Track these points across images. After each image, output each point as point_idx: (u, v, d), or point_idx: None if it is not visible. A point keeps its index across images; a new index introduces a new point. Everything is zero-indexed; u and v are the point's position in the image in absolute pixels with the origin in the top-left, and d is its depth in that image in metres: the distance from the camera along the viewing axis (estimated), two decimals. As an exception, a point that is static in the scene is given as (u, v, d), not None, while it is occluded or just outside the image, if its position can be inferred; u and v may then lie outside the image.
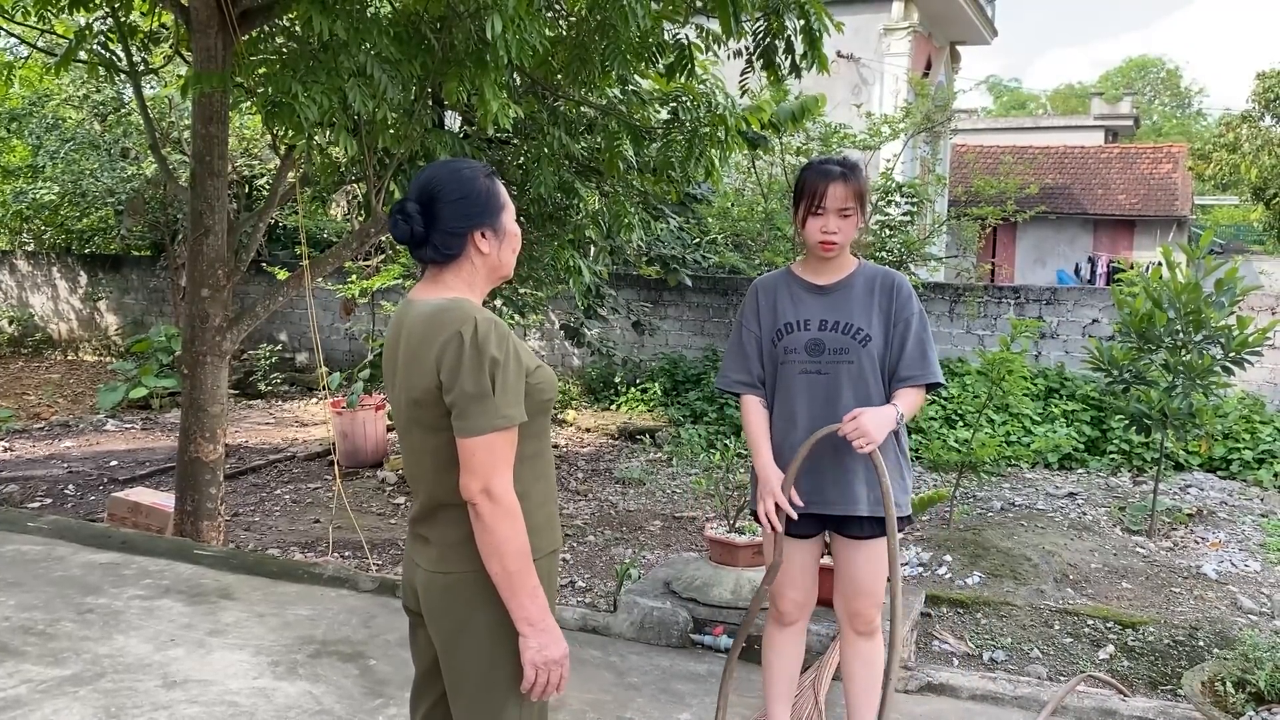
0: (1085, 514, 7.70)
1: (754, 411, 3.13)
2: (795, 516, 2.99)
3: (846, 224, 2.99)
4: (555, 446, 10.01)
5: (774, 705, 3.29)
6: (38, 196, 14.11)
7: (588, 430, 10.86)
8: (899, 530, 3.10)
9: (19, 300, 15.76)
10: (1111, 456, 9.44)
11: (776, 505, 2.99)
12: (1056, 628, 5.35)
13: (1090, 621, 5.36)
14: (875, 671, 3.19)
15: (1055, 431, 9.63)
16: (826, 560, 4.34)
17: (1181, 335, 6.96)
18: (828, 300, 3.07)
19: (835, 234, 2.99)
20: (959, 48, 19.16)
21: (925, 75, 15.56)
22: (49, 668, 3.90)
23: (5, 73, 7.36)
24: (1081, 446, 9.57)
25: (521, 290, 9.40)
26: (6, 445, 9.68)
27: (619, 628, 4.43)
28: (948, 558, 6.41)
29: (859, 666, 3.19)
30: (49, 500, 7.86)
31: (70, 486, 8.26)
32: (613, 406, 11.74)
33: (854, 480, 3.02)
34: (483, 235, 2.20)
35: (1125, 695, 4.14)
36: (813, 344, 3.04)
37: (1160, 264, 7.23)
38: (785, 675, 3.28)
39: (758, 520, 3.10)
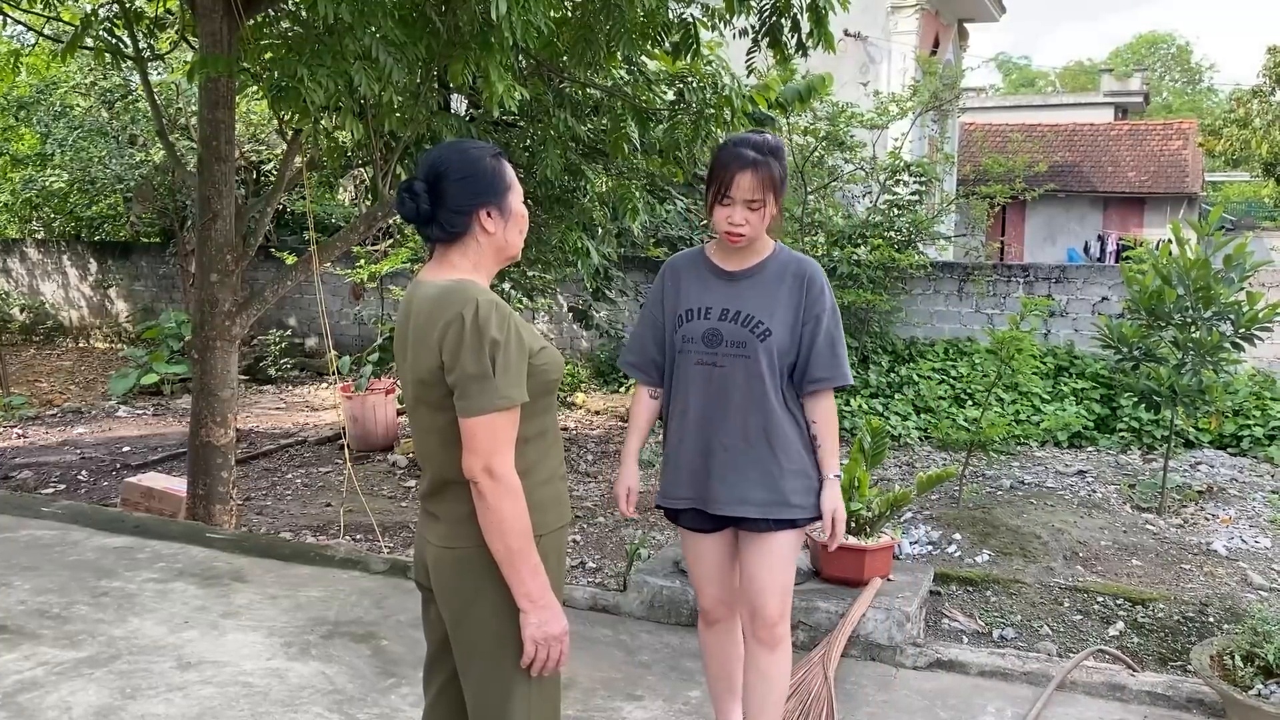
0: (1095, 491, 7.70)
1: (638, 401, 3.05)
2: (629, 514, 3.08)
3: (755, 216, 2.75)
4: (564, 429, 10.02)
5: (720, 704, 3.14)
6: (47, 184, 14.15)
7: (597, 413, 10.87)
8: (807, 523, 2.92)
9: (30, 288, 15.82)
10: (1121, 434, 9.42)
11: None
12: (1066, 605, 5.36)
13: (1100, 599, 5.36)
14: (772, 687, 2.90)
15: (1065, 409, 9.61)
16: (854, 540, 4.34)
17: (1191, 312, 6.93)
18: (732, 288, 2.84)
19: (741, 227, 2.76)
20: (967, 25, 19.02)
21: (933, 53, 15.46)
22: (65, 650, 3.95)
23: (12, 60, 7.37)
24: (1091, 424, 9.55)
25: (530, 273, 9.41)
26: (20, 432, 9.75)
27: (629, 607, 4.46)
28: (957, 536, 6.42)
29: (755, 679, 2.93)
30: (62, 486, 7.92)
31: (83, 472, 8.31)
32: (621, 389, 11.73)
33: (742, 482, 2.82)
34: (488, 214, 2.22)
35: (1135, 670, 4.15)
36: (710, 334, 2.82)
37: (1170, 241, 7.20)
38: (723, 674, 3.11)
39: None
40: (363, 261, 10.95)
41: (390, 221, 8.32)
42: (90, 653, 3.93)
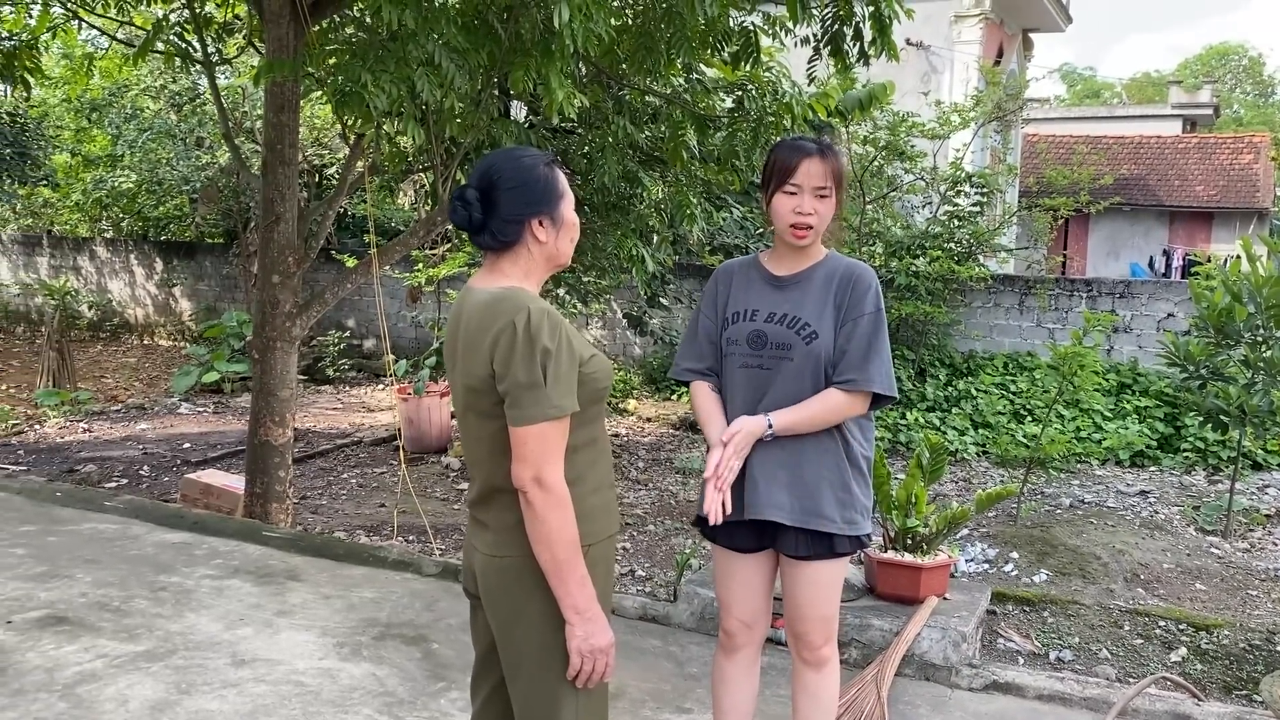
0: (1157, 513, 7.51)
1: (703, 393, 2.86)
2: (720, 488, 2.68)
3: (823, 206, 2.70)
4: (616, 436, 10.02)
5: None
6: (116, 185, 14.51)
7: (649, 420, 10.85)
8: (850, 550, 2.79)
9: (98, 286, 16.20)
10: (1185, 455, 9.20)
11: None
12: (1126, 628, 5.23)
13: (1162, 623, 5.22)
14: (822, 707, 2.86)
15: (1127, 428, 9.41)
16: (893, 556, 4.28)
17: (1262, 330, 6.75)
18: (781, 293, 2.79)
19: (810, 216, 2.69)
20: (1032, 35, 18.75)
21: (996, 63, 15.26)
22: (123, 643, 4.01)
23: (86, 64, 7.57)
24: (1154, 444, 9.33)
25: (585, 279, 9.42)
26: (85, 426, 9.97)
27: (679, 617, 4.43)
28: (1014, 554, 6.30)
29: (803, 701, 2.88)
30: (125, 480, 8.08)
31: (145, 467, 8.47)
32: (674, 397, 11.71)
33: (771, 484, 2.71)
34: (540, 223, 2.21)
35: (1199, 699, 4.03)
36: (755, 336, 2.76)
37: (1239, 257, 7.01)
38: (735, 711, 2.92)
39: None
40: (421, 265, 11.04)
41: (449, 226, 8.38)
42: (148, 647, 3.99)
